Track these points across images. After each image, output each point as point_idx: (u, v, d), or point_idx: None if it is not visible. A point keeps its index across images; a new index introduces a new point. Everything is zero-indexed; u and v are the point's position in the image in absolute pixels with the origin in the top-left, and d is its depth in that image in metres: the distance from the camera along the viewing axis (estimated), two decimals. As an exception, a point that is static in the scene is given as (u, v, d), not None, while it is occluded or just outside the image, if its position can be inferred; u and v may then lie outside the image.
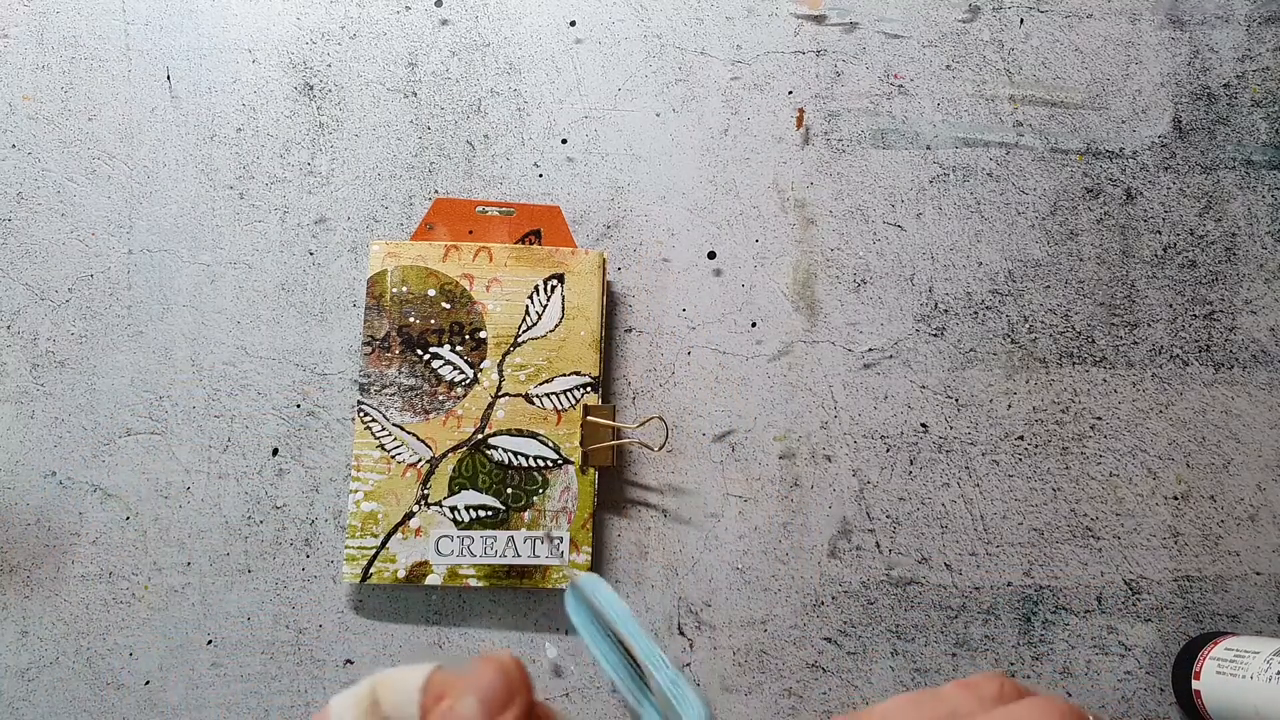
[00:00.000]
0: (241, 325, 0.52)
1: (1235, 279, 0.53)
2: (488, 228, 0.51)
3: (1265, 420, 0.51)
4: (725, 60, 0.55)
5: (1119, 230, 0.53)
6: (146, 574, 0.49)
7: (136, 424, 0.50)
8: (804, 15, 0.55)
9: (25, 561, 0.49)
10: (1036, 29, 0.55)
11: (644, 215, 0.53)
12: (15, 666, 0.48)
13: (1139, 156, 0.54)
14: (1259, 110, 0.54)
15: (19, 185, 0.52)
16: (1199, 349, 0.52)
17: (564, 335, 0.50)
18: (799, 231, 0.53)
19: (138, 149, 0.53)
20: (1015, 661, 0.49)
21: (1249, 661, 0.43)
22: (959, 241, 0.53)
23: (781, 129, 0.54)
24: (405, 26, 0.55)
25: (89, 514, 0.50)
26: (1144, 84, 0.55)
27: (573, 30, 0.55)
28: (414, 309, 0.50)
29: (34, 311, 0.51)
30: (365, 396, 0.49)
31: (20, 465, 0.50)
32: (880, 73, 0.55)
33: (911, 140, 0.54)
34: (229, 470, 0.50)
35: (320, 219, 0.53)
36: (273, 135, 0.53)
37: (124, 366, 0.51)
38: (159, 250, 0.52)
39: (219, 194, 0.53)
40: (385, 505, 0.48)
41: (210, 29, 0.54)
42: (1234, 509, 0.51)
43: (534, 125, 0.54)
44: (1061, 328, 0.52)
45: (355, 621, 0.49)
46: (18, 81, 0.53)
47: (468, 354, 0.49)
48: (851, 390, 0.52)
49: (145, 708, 0.48)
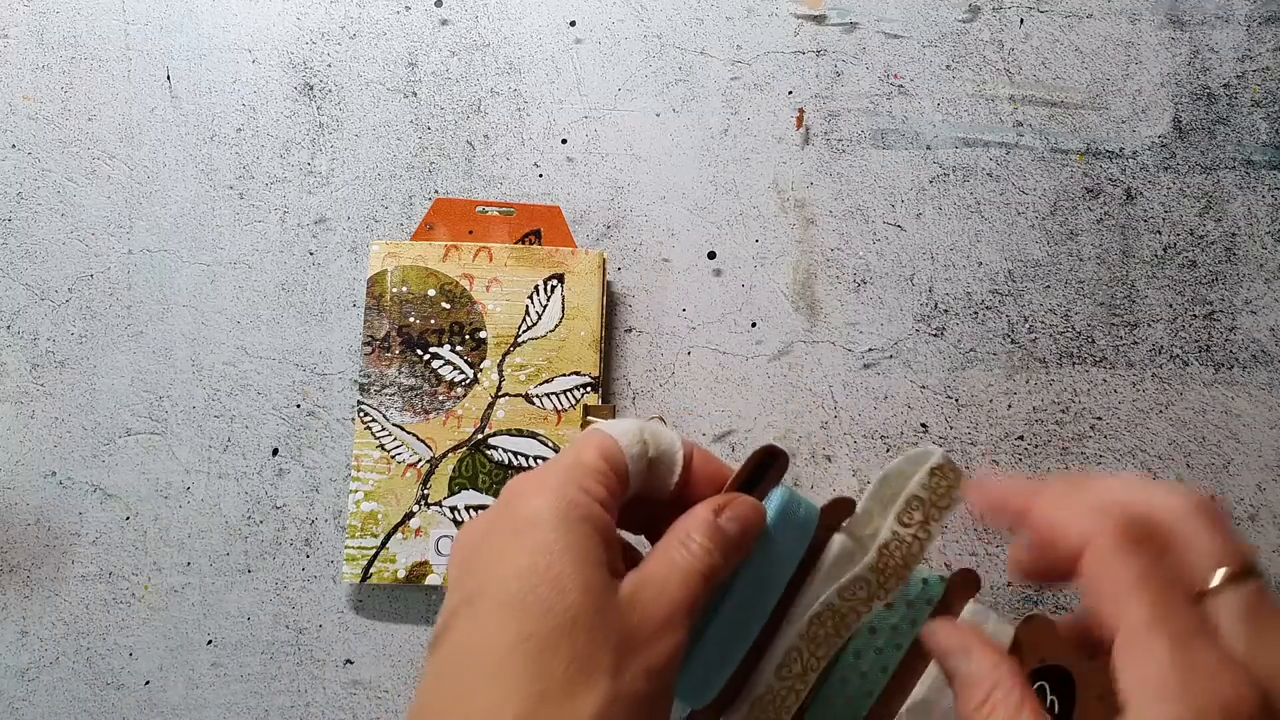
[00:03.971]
0: (241, 325, 0.52)
1: (1235, 279, 0.53)
2: (488, 228, 0.51)
3: (1265, 420, 0.51)
4: (725, 60, 0.55)
5: (1119, 230, 0.53)
6: (146, 574, 0.49)
7: (136, 424, 0.50)
8: (804, 15, 0.55)
9: (25, 561, 0.49)
10: (1036, 29, 0.55)
11: (644, 215, 0.53)
12: (15, 666, 0.48)
13: (1139, 156, 0.54)
14: (1259, 110, 0.54)
15: (19, 185, 0.52)
16: (1199, 349, 0.52)
17: (564, 335, 0.50)
18: (799, 231, 0.53)
19: (138, 149, 0.53)
20: (1015, 661, 0.49)
21: None
22: (959, 241, 0.53)
23: (781, 129, 0.54)
24: (405, 26, 0.55)
25: (89, 514, 0.49)
26: (1144, 84, 0.55)
27: (573, 30, 0.55)
28: (414, 309, 0.50)
29: (34, 311, 0.51)
30: (365, 396, 0.49)
31: (20, 465, 0.50)
32: (880, 73, 0.55)
33: (911, 140, 0.54)
34: (229, 470, 0.50)
35: (320, 219, 0.53)
36: (273, 135, 0.53)
37: (124, 366, 0.51)
38: (159, 250, 0.52)
39: (219, 194, 0.53)
40: (385, 505, 0.48)
41: (210, 29, 0.54)
42: (1234, 509, 0.51)
43: (534, 125, 0.54)
44: (1061, 328, 0.52)
45: (355, 621, 0.49)
46: (18, 81, 0.53)
47: (468, 354, 0.49)
48: (851, 390, 0.52)
49: (145, 708, 0.48)
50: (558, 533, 0.24)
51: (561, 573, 0.23)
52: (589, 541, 0.24)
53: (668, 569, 0.26)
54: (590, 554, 0.24)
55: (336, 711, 0.48)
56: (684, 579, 0.25)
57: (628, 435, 0.27)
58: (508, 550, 0.25)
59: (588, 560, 0.24)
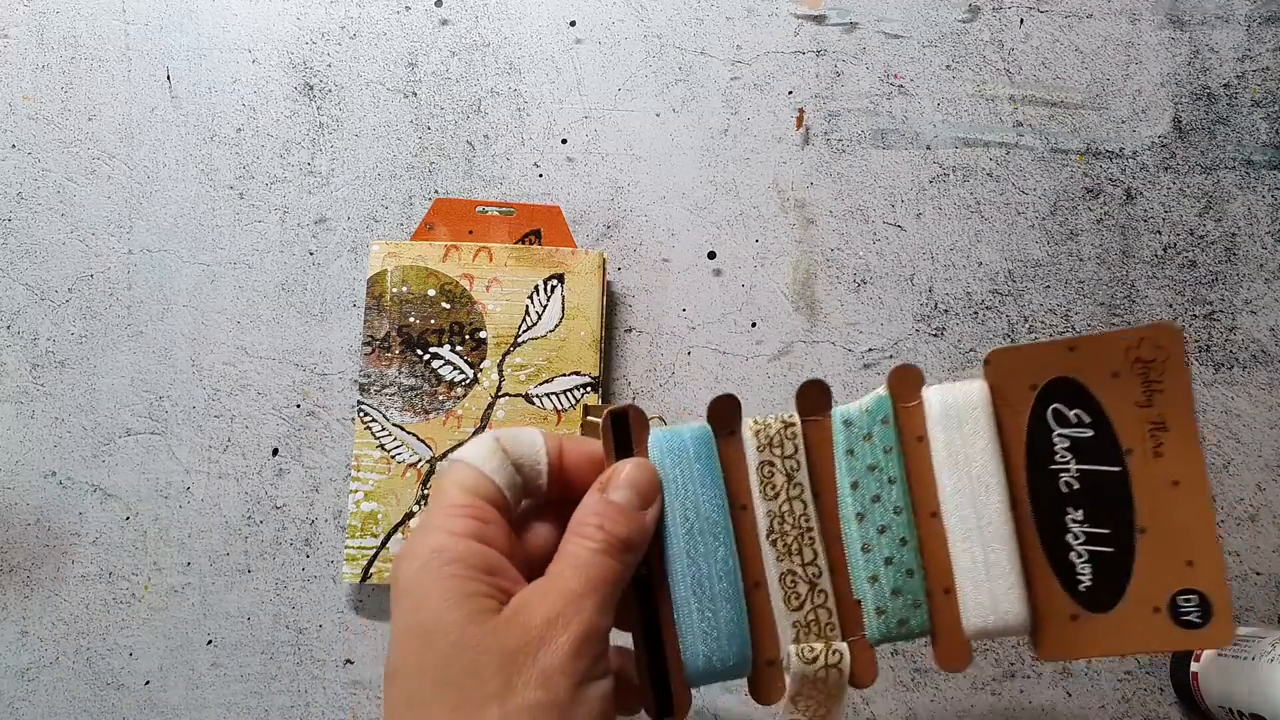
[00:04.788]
0: (241, 325, 0.52)
1: (1235, 279, 0.53)
2: (488, 228, 0.51)
3: (1265, 420, 0.51)
4: (725, 60, 0.55)
5: (1119, 230, 0.53)
6: (146, 574, 0.49)
7: (136, 424, 0.50)
8: (804, 15, 0.55)
9: (25, 561, 0.49)
10: (1036, 29, 0.55)
11: (644, 215, 0.53)
12: (15, 666, 0.48)
13: (1139, 156, 0.54)
14: (1259, 110, 0.54)
15: (19, 185, 0.52)
16: (1199, 349, 0.52)
17: (564, 335, 0.50)
18: (799, 231, 0.53)
19: (138, 149, 0.53)
20: (1015, 661, 0.49)
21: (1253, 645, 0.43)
22: (959, 241, 0.53)
23: (781, 129, 0.54)
24: (405, 26, 0.55)
25: (89, 514, 0.50)
26: (1144, 84, 0.55)
27: (573, 30, 0.55)
28: (414, 309, 0.50)
29: (34, 311, 0.51)
30: (365, 396, 0.49)
31: (20, 465, 0.50)
32: (880, 73, 0.55)
33: (911, 140, 0.54)
34: (229, 470, 0.50)
35: (320, 219, 0.53)
36: (273, 135, 0.53)
37: (124, 366, 0.51)
38: (159, 250, 0.52)
39: (219, 194, 0.53)
40: (385, 505, 0.48)
41: (210, 29, 0.54)
42: (1234, 509, 0.51)
43: (534, 125, 0.54)
44: (1061, 328, 0.52)
45: (355, 621, 0.49)
46: (18, 81, 0.53)
47: (468, 354, 0.49)
48: (852, 390, 0.52)
49: (145, 708, 0.48)
50: (422, 589, 0.24)
51: (427, 625, 0.24)
52: (454, 583, 0.24)
53: (562, 565, 0.26)
54: (456, 595, 0.24)
55: (336, 711, 0.48)
56: (579, 567, 0.25)
57: (481, 454, 0.27)
58: (394, 622, 0.25)
59: (454, 603, 0.24)
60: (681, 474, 0.29)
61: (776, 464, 0.29)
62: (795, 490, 0.29)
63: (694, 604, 0.28)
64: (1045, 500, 0.28)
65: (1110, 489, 0.28)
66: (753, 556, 0.29)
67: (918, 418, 0.29)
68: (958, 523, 0.28)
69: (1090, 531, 0.28)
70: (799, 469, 0.29)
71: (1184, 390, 0.27)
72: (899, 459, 0.29)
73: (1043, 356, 0.28)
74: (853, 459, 0.29)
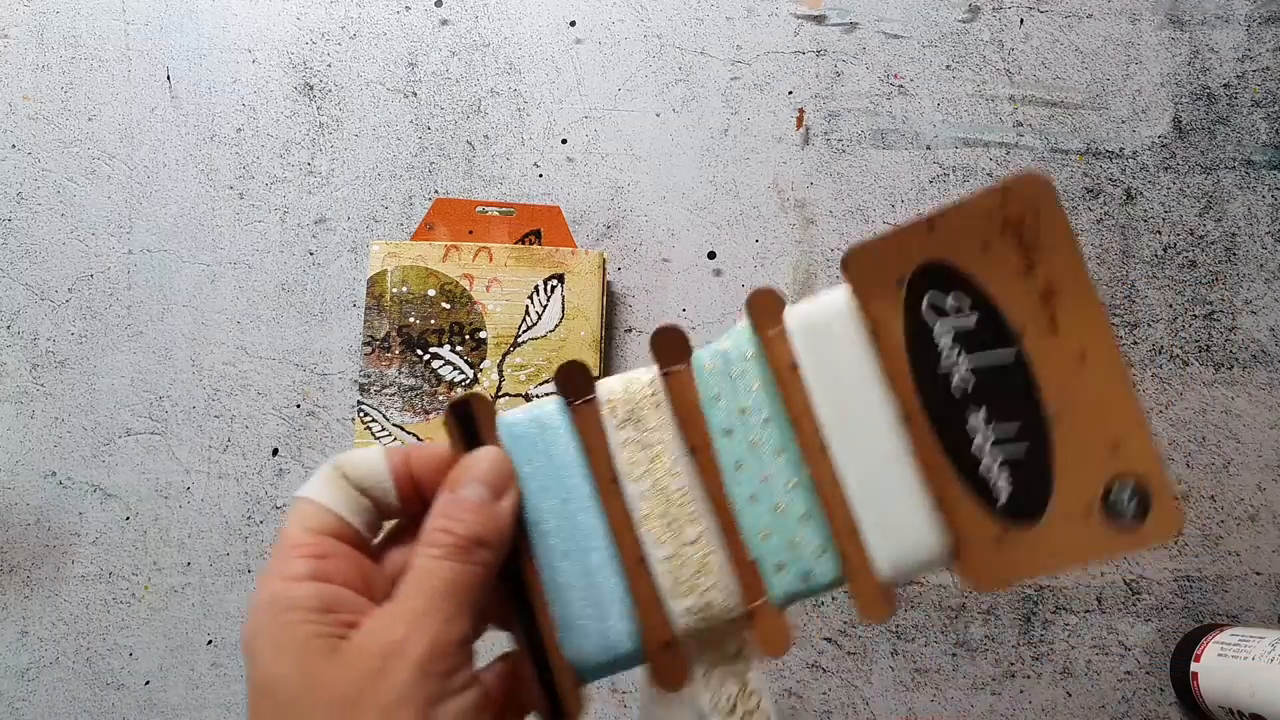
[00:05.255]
0: (241, 325, 0.52)
1: (1235, 279, 0.53)
2: (488, 228, 0.51)
3: (1265, 420, 0.51)
4: (725, 60, 0.55)
5: (1119, 230, 0.53)
6: (146, 574, 0.49)
7: (136, 424, 0.50)
8: (804, 15, 0.55)
9: (25, 561, 0.49)
10: (1036, 29, 0.55)
11: (644, 215, 0.53)
12: (15, 666, 0.48)
13: (1139, 156, 0.54)
14: (1259, 110, 0.54)
15: (19, 185, 0.52)
16: (1199, 349, 0.52)
17: (564, 335, 0.50)
18: (799, 231, 0.53)
19: (138, 149, 0.53)
20: (1015, 661, 0.49)
21: (1253, 645, 0.43)
22: (959, 241, 0.53)
23: (781, 129, 0.54)
24: (405, 26, 0.55)
25: (89, 514, 0.50)
26: (1144, 84, 0.55)
27: (573, 30, 0.55)
28: (414, 309, 0.50)
29: (34, 311, 0.51)
30: (365, 396, 0.49)
31: (20, 465, 0.50)
32: (880, 73, 0.55)
33: (911, 140, 0.54)
34: (229, 470, 0.50)
35: (320, 219, 0.53)
36: (273, 135, 0.53)
37: (124, 366, 0.51)
38: (159, 250, 0.52)
39: (219, 194, 0.53)
40: (385, 505, 0.48)
41: (210, 29, 0.54)
42: (1234, 509, 0.51)
43: (534, 125, 0.54)
44: (1061, 328, 0.52)
45: (355, 621, 0.49)
46: (18, 81, 0.53)
47: (468, 354, 0.49)
48: (851, 390, 0.52)
49: (145, 708, 0.48)
50: (259, 642, 0.24)
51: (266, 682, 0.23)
52: (287, 631, 0.24)
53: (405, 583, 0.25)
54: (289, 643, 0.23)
55: (336, 711, 0.48)
56: (421, 580, 0.24)
57: (320, 486, 0.26)
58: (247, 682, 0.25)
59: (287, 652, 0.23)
60: (537, 455, 0.26)
61: (637, 439, 0.26)
62: (663, 464, 0.26)
63: (571, 594, 0.26)
64: (941, 408, 0.24)
65: (1009, 378, 0.24)
66: (630, 534, 0.26)
67: (786, 345, 0.26)
68: (844, 451, 0.25)
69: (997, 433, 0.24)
70: (665, 438, 0.26)
71: (1068, 245, 0.23)
72: (772, 395, 0.26)
73: (902, 243, 0.24)
74: (720, 404, 0.26)
